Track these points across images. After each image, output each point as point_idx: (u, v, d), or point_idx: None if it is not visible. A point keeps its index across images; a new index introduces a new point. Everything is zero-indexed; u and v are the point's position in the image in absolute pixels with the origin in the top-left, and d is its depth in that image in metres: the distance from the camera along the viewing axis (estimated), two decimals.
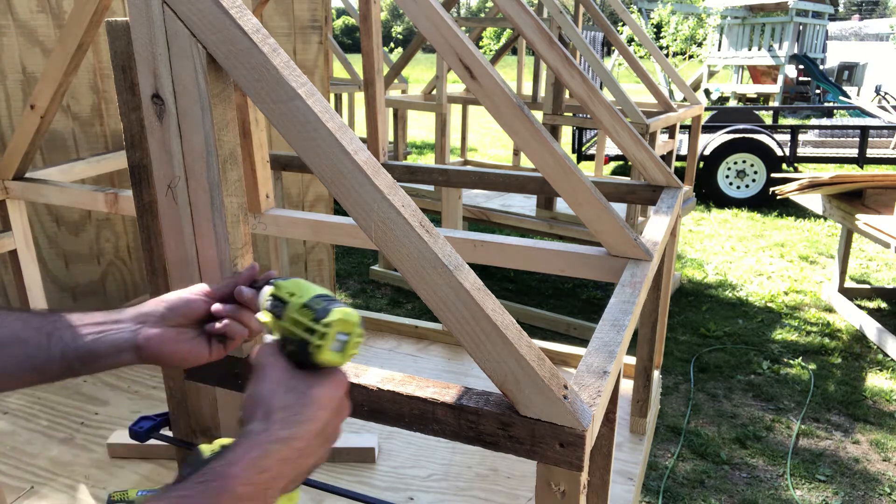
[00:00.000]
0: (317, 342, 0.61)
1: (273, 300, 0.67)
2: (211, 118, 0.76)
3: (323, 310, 0.62)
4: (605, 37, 7.32)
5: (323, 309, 0.62)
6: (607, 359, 0.89)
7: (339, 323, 0.62)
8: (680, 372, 3.27)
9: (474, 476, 1.53)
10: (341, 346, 0.62)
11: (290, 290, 0.67)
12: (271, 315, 0.67)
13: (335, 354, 0.62)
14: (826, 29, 15.46)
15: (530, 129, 1.32)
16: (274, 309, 0.67)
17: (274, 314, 0.66)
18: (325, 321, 0.62)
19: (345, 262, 4.83)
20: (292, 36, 2.67)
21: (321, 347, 0.61)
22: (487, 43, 19.87)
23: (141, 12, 0.75)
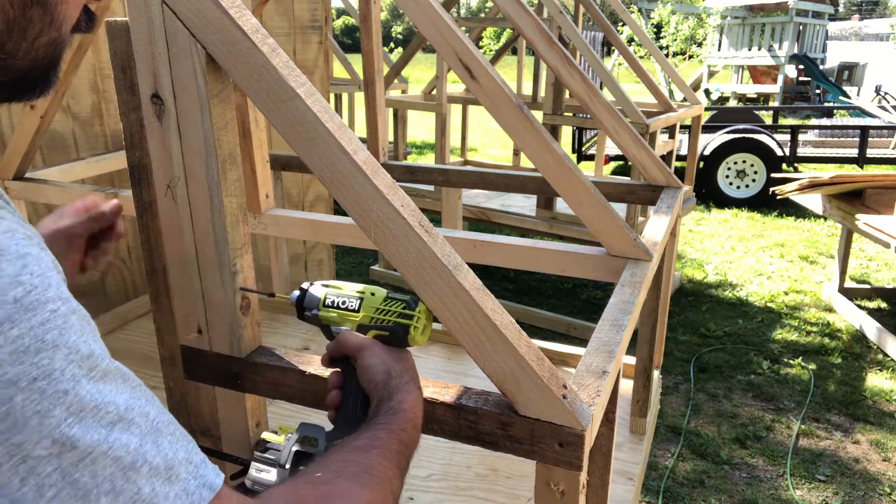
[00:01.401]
0: (415, 325, 0.77)
1: (342, 297, 0.80)
2: (210, 118, 0.76)
3: (413, 300, 0.79)
4: (605, 37, 7.32)
5: (413, 300, 0.79)
6: (607, 359, 0.89)
7: (426, 311, 0.78)
8: (680, 372, 3.27)
9: (474, 476, 1.53)
10: (424, 328, 0.79)
11: (355, 289, 0.81)
12: (341, 310, 0.80)
13: (422, 336, 0.78)
14: (826, 29, 15.45)
15: (530, 129, 1.32)
16: (344, 305, 0.80)
17: (346, 309, 0.80)
18: (418, 309, 0.78)
19: (345, 262, 4.84)
20: (292, 36, 2.67)
21: (418, 329, 0.77)
22: (487, 43, 19.87)
23: (141, 12, 0.75)
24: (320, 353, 0.81)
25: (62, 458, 0.37)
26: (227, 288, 0.84)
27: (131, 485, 0.40)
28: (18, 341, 0.36)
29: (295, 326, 2.26)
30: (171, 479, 0.42)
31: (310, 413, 1.74)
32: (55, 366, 0.37)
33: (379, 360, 0.74)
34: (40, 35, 0.48)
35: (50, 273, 0.40)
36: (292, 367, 0.86)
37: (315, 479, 0.58)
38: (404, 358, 0.77)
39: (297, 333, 2.20)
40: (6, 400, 0.35)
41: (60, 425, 0.37)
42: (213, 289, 0.85)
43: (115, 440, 0.40)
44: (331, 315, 0.80)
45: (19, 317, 0.36)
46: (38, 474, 0.36)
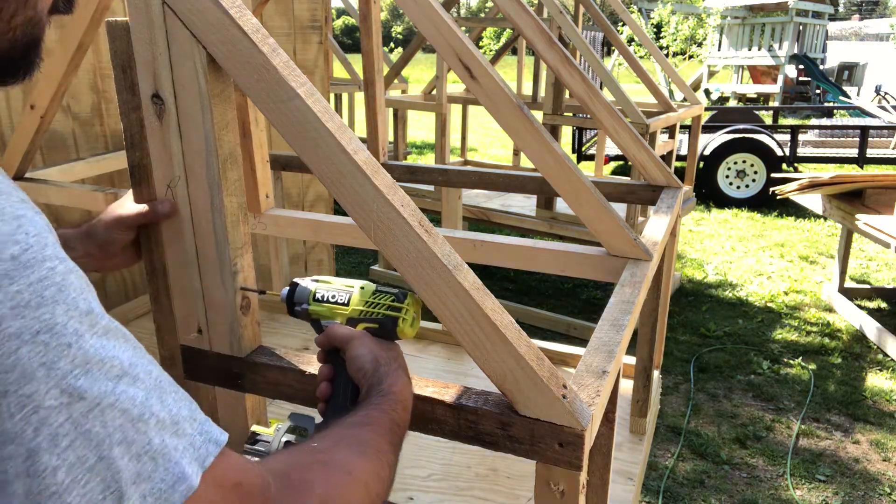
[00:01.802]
0: (403, 317, 0.79)
1: (331, 292, 0.82)
2: (212, 118, 0.76)
3: (402, 293, 0.81)
4: (605, 37, 7.32)
5: (402, 293, 0.81)
6: (607, 358, 0.89)
7: (415, 303, 0.81)
8: (680, 372, 3.27)
9: (474, 476, 1.53)
10: (412, 321, 0.81)
11: (344, 283, 0.83)
12: (331, 304, 0.82)
13: (411, 329, 0.81)
14: (826, 29, 15.45)
15: (530, 129, 1.32)
16: (333, 300, 0.82)
17: (335, 303, 0.82)
18: (407, 301, 0.80)
19: (345, 262, 4.84)
20: (292, 36, 2.67)
21: (406, 321, 0.80)
22: (487, 43, 19.88)
23: (141, 12, 0.75)
24: None
25: (72, 409, 0.38)
26: (228, 287, 0.84)
27: (142, 436, 0.41)
28: (18, 296, 0.37)
29: (295, 326, 2.26)
30: (177, 434, 0.43)
31: (310, 413, 1.74)
32: (56, 320, 0.38)
33: (367, 349, 0.77)
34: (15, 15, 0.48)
35: (45, 234, 0.41)
36: (292, 366, 0.86)
37: (313, 448, 0.60)
38: (392, 348, 0.80)
39: (297, 333, 2.20)
40: (12, 352, 0.36)
41: (67, 377, 0.38)
42: (214, 288, 0.85)
43: (121, 392, 0.40)
44: (320, 309, 0.82)
45: (17, 273, 0.37)
46: (50, 424, 0.37)
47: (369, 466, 0.61)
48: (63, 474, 0.37)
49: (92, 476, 0.38)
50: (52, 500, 0.36)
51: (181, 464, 0.42)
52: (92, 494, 0.38)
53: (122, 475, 0.39)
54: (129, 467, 0.40)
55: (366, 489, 0.59)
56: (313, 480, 0.54)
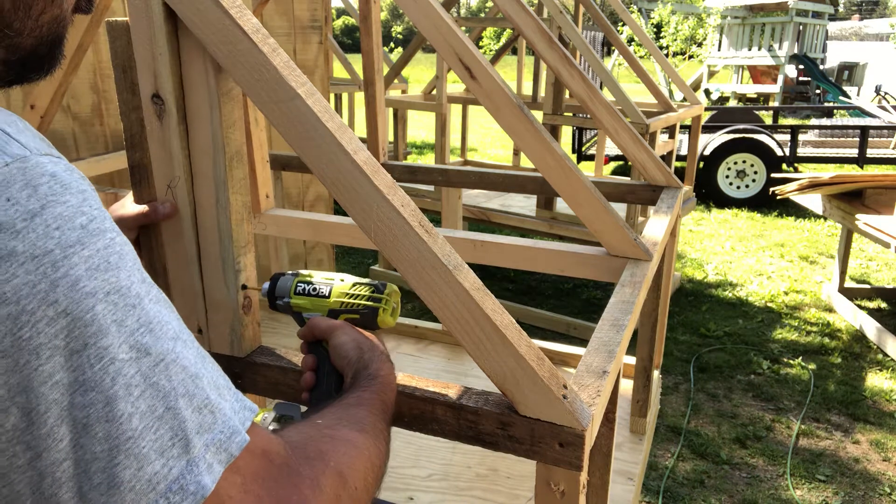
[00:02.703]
0: (383, 307, 0.81)
1: (311, 285, 0.84)
2: (220, 116, 0.77)
3: (382, 284, 0.83)
4: (605, 37, 7.32)
5: (381, 283, 0.83)
6: (607, 359, 0.89)
7: (394, 293, 0.83)
8: (680, 372, 3.28)
9: (474, 476, 1.53)
10: (392, 311, 0.83)
11: (324, 276, 0.84)
12: (311, 297, 0.83)
13: (391, 318, 0.83)
14: (826, 29, 15.46)
15: (530, 129, 1.32)
16: (315, 292, 0.83)
17: (317, 295, 0.83)
18: (387, 291, 0.82)
19: (345, 262, 4.84)
20: (292, 36, 2.67)
21: (386, 311, 0.81)
22: (487, 43, 19.88)
23: (141, 12, 0.75)
24: None
25: (140, 363, 0.41)
26: (231, 286, 0.84)
27: (200, 391, 0.45)
28: (90, 260, 0.41)
29: (294, 326, 2.26)
30: (222, 396, 0.47)
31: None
32: (122, 283, 0.42)
33: (350, 338, 0.79)
34: (43, 12, 0.52)
35: (103, 208, 0.45)
36: (292, 366, 0.86)
37: (319, 424, 0.63)
38: (372, 339, 0.81)
39: None
40: (89, 308, 0.40)
41: (134, 333, 0.42)
42: (215, 288, 0.85)
43: (179, 352, 0.44)
44: (302, 302, 0.84)
45: (88, 240, 0.41)
46: (124, 374, 0.40)
47: (370, 441, 0.64)
48: (137, 421, 0.40)
49: (161, 424, 0.41)
50: (128, 444, 0.40)
51: (233, 420, 0.46)
52: (162, 441, 0.41)
53: (188, 424, 0.43)
54: (193, 418, 0.43)
55: (370, 461, 0.62)
56: (327, 451, 0.58)
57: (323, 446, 0.58)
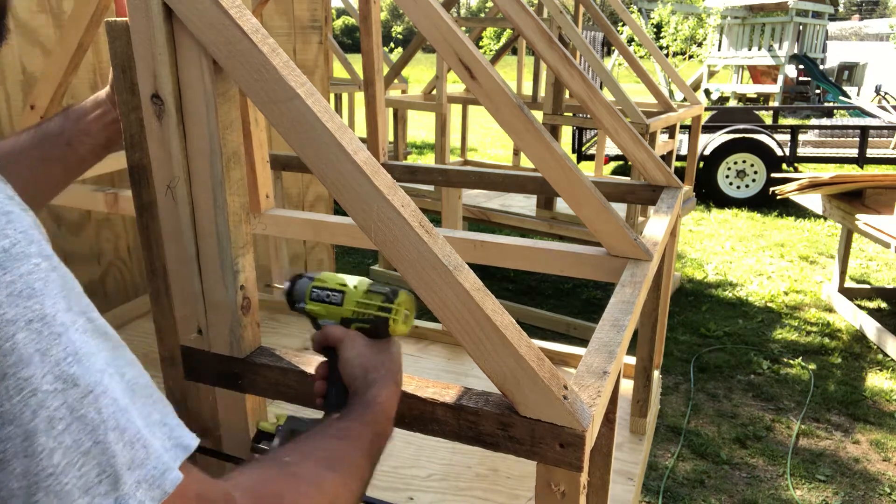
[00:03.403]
0: (394, 317, 0.79)
1: (326, 291, 0.82)
2: (216, 117, 0.76)
3: (392, 292, 0.80)
4: (605, 37, 7.32)
5: (392, 292, 0.80)
6: (607, 359, 0.89)
7: (406, 301, 0.81)
8: (680, 372, 3.27)
9: (474, 476, 1.53)
10: (405, 318, 0.81)
11: (339, 282, 0.83)
12: (325, 304, 0.82)
13: (404, 326, 0.80)
14: (826, 29, 15.46)
15: (530, 129, 1.32)
16: (331, 298, 0.82)
17: (330, 302, 0.82)
18: (398, 301, 0.80)
19: (345, 262, 4.84)
20: (292, 36, 2.67)
21: (397, 321, 0.79)
22: (487, 43, 19.89)
23: (141, 12, 0.74)
24: None
25: (67, 395, 0.39)
26: (229, 287, 0.83)
27: (132, 424, 0.42)
28: (12, 286, 0.38)
29: (295, 326, 2.26)
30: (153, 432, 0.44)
31: (310, 413, 1.73)
32: (46, 311, 0.40)
33: (356, 353, 0.77)
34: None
35: (32, 231, 0.42)
36: (292, 367, 0.86)
37: (283, 461, 0.60)
38: (386, 349, 0.80)
39: (297, 333, 2.20)
40: (9, 337, 0.37)
41: (61, 363, 0.39)
42: (214, 288, 0.84)
43: (108, 384, 0.42)
44: (317, 308, 0.83)
45: (10, 265, 0.39)
46: (47, 407, 0.38)
47: (339, 482, 0.61)
48: (59, 456, 0.38)
49: (87, 459, 0.39)
50: (48, 481, 0.37)
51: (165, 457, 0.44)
52: (88, 477, 0.39)
53: (118, 460, 0.40)
54: (124, 453, 0.41)
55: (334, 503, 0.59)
56: (283, 493, 0.55)
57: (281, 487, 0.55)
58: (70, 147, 0.93)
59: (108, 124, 0.94)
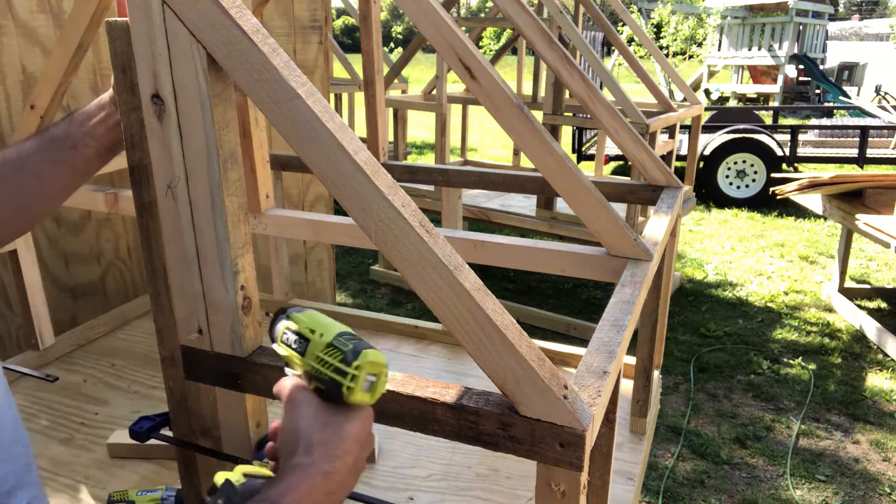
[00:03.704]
0: (348, 384, 0.63)
1: (294, 335, 0.68)
2: (212, 118, 0.76)
3: (352, 352, 0.64)
4: (605, 37, 7.32)
5: (352, 351, 0.64)
6: (607, 359, 0.89)
7: (368, 365, 0.64)
8: (680, 372, 3.27)
9: (474, 476, 1.53)
10: (370, 385, 0.64)
11: (310, 326, 0.67)
12: (291, 350, 0.68)
13: (365, 395, 0.64)
14: (826, 29, 15.46)
15: (530, 129, 1.32)
16: (296, 345, 0.67)
17: (296, 350, 0.67)
18: (356, 364, 0.63)
19: (345, 262, 4.83)
20: (292, 36, 2.67)
21: (353, 389, 0.63)
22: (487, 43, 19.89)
23: (141, 12, 0.74)
24: None
25: None
26: (229, 288, 0.84)
27: None
28: None
29: None
30: None
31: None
32: None
33: (293, 422, 0.64)
34: None
35: None
36: None
37: None
38: (337, 425, 0.64)
39: None
40: None
41: None
42: (215, 289, 0.84)
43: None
44: (284, 353, 0.70)
45: None
46: None
47: None
48: None
49: None
50: None
51: None
52: None
53: None
54: None
55: None
56: None
57: None
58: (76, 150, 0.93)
59: (112, 127, 0.94)
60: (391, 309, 4.02)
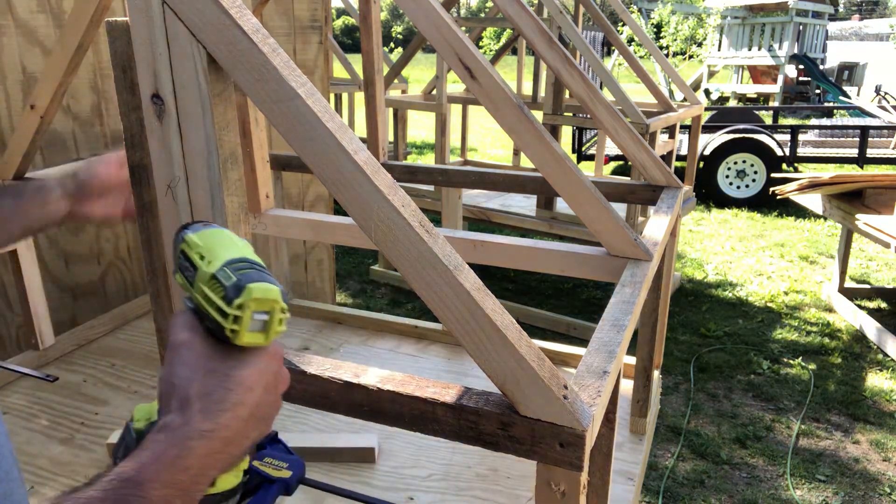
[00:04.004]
0: (231, 326, 0.53)
1: (186, 261, 0.57)
2: (212, 118, 0.76)
3: (234, 287, 0.53)
4: (605, 37, 7.32)
5: (234, 286, 0.53)
6: (607, 359, 0.89)
7: (253, 303, 0.53)
8: (680, 372, 3.27)
9: (474, 476, 1.53)
10: (262, 325, 0.55)
11: (200, 252, 0.57)
12: (184, 279, 0.57)
13: (257, 335, 0.55)
14: (826, 29, 15.46)
15: (530, 129, 1.32)
16: (185, 271, 0.57)
17: (187, 280, 0.57)
18: (237, 302, 0.53)
19: (345, 262, 4.83)
20: (292, 36, 2.67)
21: (237, 332, 0.53)
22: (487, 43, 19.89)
23: (141, 12, 0.75)
24: (321, 353, 0.81)
25: None
26: None
27: None
28: None
29: (294, 326, 2.26)
30: None
31: (309, 413, 1.73)
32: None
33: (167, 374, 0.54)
34: None
35: None
36: (293, 366, 0.86)
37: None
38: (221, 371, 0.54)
39: (297, 333, 2.20)
40: None
41: None
42: None
43: None
44: (179, 280, 0.58)
45: None
46: None
47: None
48: None
49: None
50: None
51: None
52: None
53: None
54: None
55: None
56: None
57: None
58: None
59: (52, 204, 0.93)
60: (391, 309, 4.02)
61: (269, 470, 0.83)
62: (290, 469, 0.84)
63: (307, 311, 2.33)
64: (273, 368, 0.57)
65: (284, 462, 0.84)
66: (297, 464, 0.85)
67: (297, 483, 0.84)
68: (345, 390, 0.82)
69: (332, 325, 2.27)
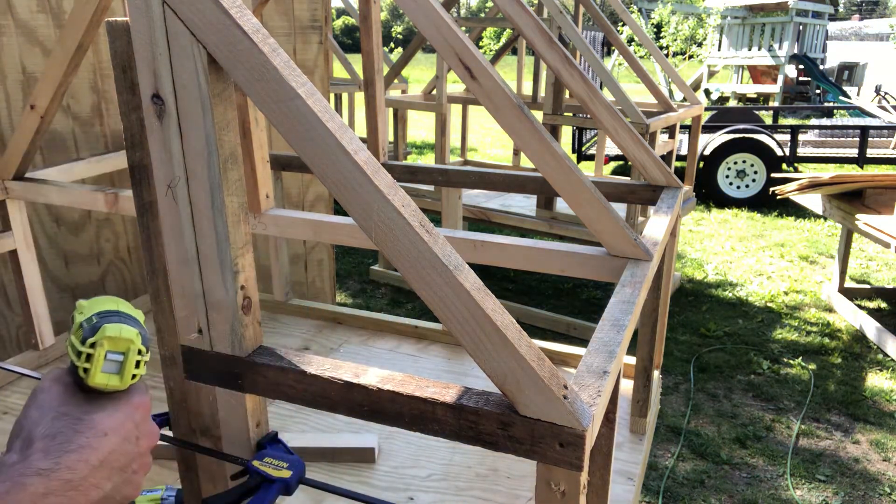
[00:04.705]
0: (83, 364, 0.54)
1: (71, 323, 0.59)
2: (212, 118, 0.76)
3: (91, 328, 0.55)
4: (605, 37, 7.32)
5: (91, 327, 0.55)
6: (607, 359, 0.89)
7: (107, 342, 0.55)
8: (680, 372, 3.27)
9: (474, 476, 1.53)
10: (117, 366, 0.56)
11: (80, 309, 0.59)
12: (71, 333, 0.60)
13: (110, 376, 0.55)
14: (826, 29, 15.46)
15: (530, 129, 1.32)
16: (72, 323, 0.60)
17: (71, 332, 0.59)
18: (90, 340, 0.55)
19: (345, 262, 4.83)
20: (292, 36, 2.67)
21: (90, 371, 0.54)
22: (487, 43, 19.90)
23: (141, 12, 0.75)
24: (321, 353, 0.81)
25: None
26: (229, 288, 0.84)
27: None
28: None
29: (294, 326, 2.26)
30: None
31: (309, 413, 1.73)
32: None
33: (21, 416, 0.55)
34: None
35: None
36: (293, 366, 0.86)
37: None
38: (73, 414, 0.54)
39: (297, 333, 2.20)
40: None
41: None
42: (215, 288, 0.85)
43: None
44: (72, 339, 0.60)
45: None
46: None
47: None
48: None
49: None
50: None
51: None
52: None
53: None
54: None
55: None
56: None
57: None
58: None
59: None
60: (391, 309, 4.02)
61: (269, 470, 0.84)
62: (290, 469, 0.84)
63: (307, 311, 2.33)
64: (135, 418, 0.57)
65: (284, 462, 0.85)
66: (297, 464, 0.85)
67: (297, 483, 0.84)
68: (345, 390, 0.82)
69: (332, 325, 2.27)
